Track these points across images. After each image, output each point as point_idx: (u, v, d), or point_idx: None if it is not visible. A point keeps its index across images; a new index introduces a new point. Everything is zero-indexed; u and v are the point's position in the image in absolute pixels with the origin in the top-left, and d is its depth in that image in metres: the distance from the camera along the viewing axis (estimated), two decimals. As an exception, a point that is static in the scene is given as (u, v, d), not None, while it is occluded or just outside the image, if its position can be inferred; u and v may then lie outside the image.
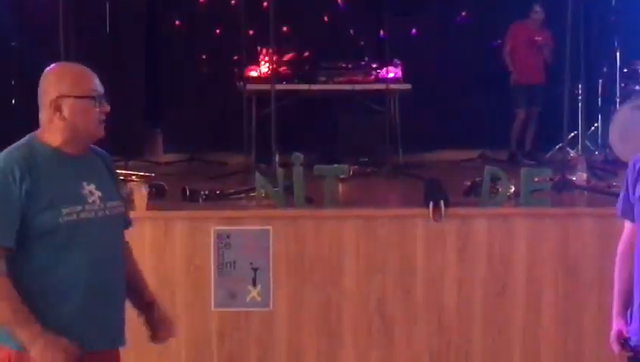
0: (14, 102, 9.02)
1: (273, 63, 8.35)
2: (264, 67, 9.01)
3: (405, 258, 5.69)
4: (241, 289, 5.65)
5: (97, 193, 3.24)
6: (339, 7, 9.95)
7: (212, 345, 5.69)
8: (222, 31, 9.68)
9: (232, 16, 9.05)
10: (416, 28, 9.90)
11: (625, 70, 9.14)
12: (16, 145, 3.23)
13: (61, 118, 3.19)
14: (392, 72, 9.00)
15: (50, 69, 3.27)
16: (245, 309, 5.67)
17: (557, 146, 8.60)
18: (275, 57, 8.49)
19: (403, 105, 9.21)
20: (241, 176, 7.40)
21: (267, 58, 8.79)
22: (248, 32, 8.78)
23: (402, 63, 9.10)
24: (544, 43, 9.38)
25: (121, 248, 3.37)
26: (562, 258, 5.69)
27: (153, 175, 7.51)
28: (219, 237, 5.64)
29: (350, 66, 9.28)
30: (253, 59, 9.05)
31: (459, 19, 9.95)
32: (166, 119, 9.93)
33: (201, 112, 9.65)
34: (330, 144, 9.02)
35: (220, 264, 5.63)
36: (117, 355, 3.36)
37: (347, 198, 6.48)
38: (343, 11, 9.94)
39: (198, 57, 9.80)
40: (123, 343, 3.36)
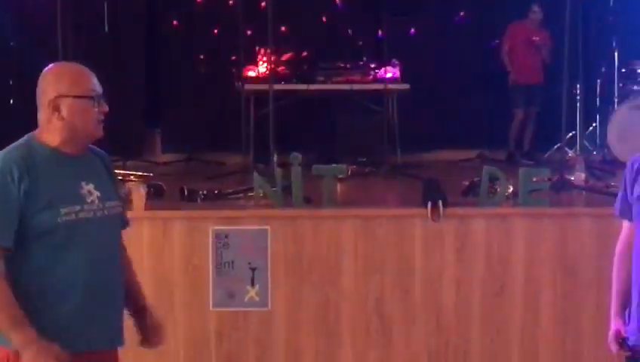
0: (12, 102, 9.02)
1: (271, 63, 8.36)
2: (262, 67, 8.99)
3: (403, 258, 5.69)
4: (239, 289, 5.64)
5: (96, 193, 3.24)
6: (337, 7, 9.95)
7: (210, 345, 5.69)
8: (220, 31, 9.67)
9: (231, 16, 9.04)
10: (414, 28, 9.89)
11: (623, 70, 9.14)
12: (14, 145, 3.22)
13: (59, 118, 3.18)
14: (391, 72, 8.99)
15: (48, 69, 3.26)
16: (243, 309, 5.67)
17: (555, 146, 8.60)
18: (274, 57, 8.49)
19: (401, 105, 9.22)
20: (239, 176, 7.39)
21: (265, 58, 8.78)
22: (246, 32, 8.77)
23: (400, 63, 9.09)
24: (542, 43, 9.38)
25: (119, 248, 3.37)
26: (560, 258, 5.69)
27: (151, 175, 7.51)
28: (217, 237, 5.64)
29: (348, 66, 9.27)
30: (251, 59, 9.05)
31: (457, 19, 9.94)
32: (164, 119, 9.93)
33: (199, 112, 9.64)
34: (328, 144, 9.01)
35: (219, 264, 5.63)
36: (115, 355, 3.36)
37: (345, 198, 6.48)
38: (342, 11, 9.93)
39: (197, 57, 9.79)
40: (122, 343, 3.36)
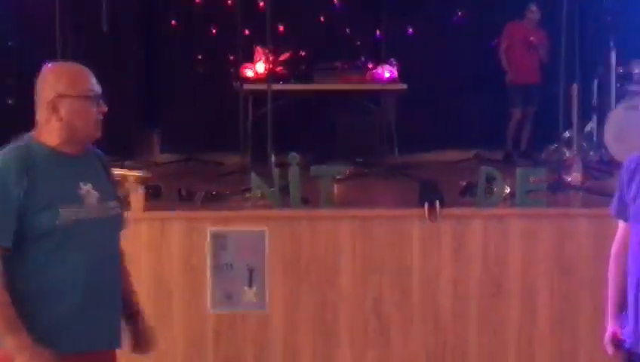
0: (11, 102, 9.02)
1: (269, 63, 8.36)
2: (260, 67, 8.98)
3: (401, 258, 5.69)
4: (237, 289, 5.65)
5: (94, 193, 3.24)
6: (335, 6, 9.94)
7: (208, 346, 5.69)
8: (218, 31, 9.67)
9: (229, 15, 9.04)
10: (412, 28, 9.89)
11: (620, 70, 9.14)
12: (13, 145, 3.22)
13: (58, 118, 3.19)
14: (388, 72, 8.99)
15: (47, 69, 3.26)
16: (241, 310, 5.67)
17: (552, 146, 8.60)
18: (272, 57, 8.50)
19: (399, 105, 9.23)
20: (237, 177, 7.38)
21: (263, 58, 8.77)
22: (244, 32, 8.77)
23: (398, 63, 9.09)
24: (539, 43, 9.39)
25: (118, 248, 3.37)
26: (557, 258, 5.70)
27: (150, 175, 7.49)
28: (215, 237, 5.64)
29: (346, 66, 9.26)
30: (249, 59, 9.04)
31: (455, 19, 9.95)
32: (162, 119, 9.91)
33: (197, 112, 9.63)
34: (326, 144, 9.00)
35: (216, 265, 5.63)
36: (114, 356, 3.36)
37: (343, 199, 6.48)
38: (340, 11, 9.93)
39: (195, 57, 9.78)
40: (120, 344, 3.36)
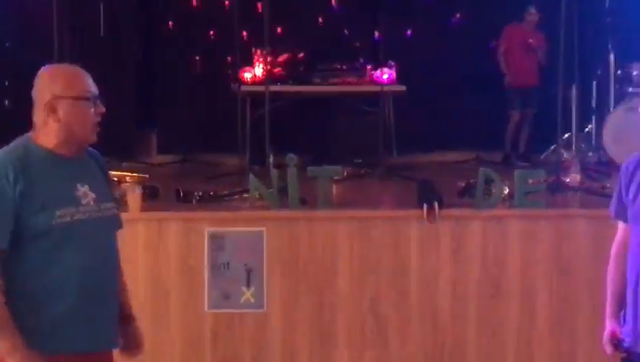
0: (8, 103, 9.01)
1: (267, 64, 8.36)
2: (258, 68, 8.98)
3: (399, 259, 5.69)
4: (234, 290, 5.64)
5: (91, 194, 3.23)
6: (333, 8, 9.95)
7: (206, 346, 5.68)
8: (216, 32, 9.67)
9: (226, 17, 9.05)
10: (410, 29, 9.90)
11: (619, 72, 9.15)
12: (10, 146, 3.22)
13: (56, 120, 3.18)
14: (387, 74, 8.98)
15: (44, 70, 3.26)
16: (239, 310, 5.67)
17: (551, 148, 8.60)
18: (270, 58, 8.49)
19: (397, 106, 9.22)
20: (235, 178, 7.38)
21: (261, 59, 8.77)
22: (242, 34, 8.78)
23: (397, 65, 9.09)
24: (537, 45, 9.38)
25: (114, 249, 3.36)
26: (556, 259, 5.70)
27: (147, 176, 7.48)
28: (213, 238, 5.63)
29: (345, 68, 9.27)
30: (247, 60, 9.04)
31: (453, 20, 9.95)
32: (160, 120, 9.91)
33: (195, 113, 9.62)
34: (324, 145, 9.00)
35: (214, 265, 5.63)
36: (110, 356, 3.36)
37: (341, 199, 6.47)
38: (338, 12, 9.94)
39: (192, 58, 9.78)
40: (116, 345, 3.36)
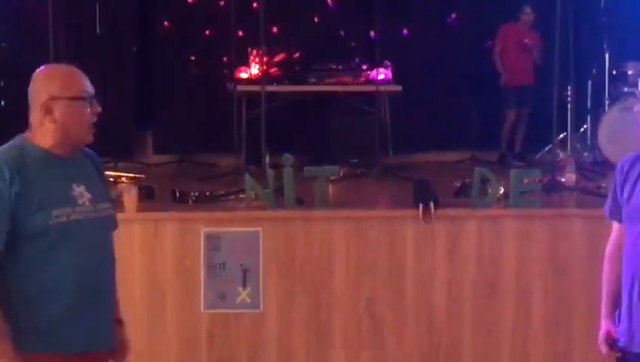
0: (4, 103, 9.01)
1: (263, 64, 8.36)
2: (254, 68, 8.98)
3: (395, 259, 5.69)
4: (231, 290, 5.64)
5: (87, 195, 3.23)
6: (329, 8, 9.95)
7: (202, 347, 5.68)
8: (212, 32, 9.66)
9: (222, 17, 9.03)
10: (406, 29, 9.90)
11: (614, 72, 9.16)
12: (6, 146, 3.21)
13: (52, 121, 3.17)
14: (383, 74, 8.98)
15: (40, 71, 3.25)
16: (235, 311, 5.67)
17: (546, 148, 8.61)
18: (266, 58, 8.50)
19: (393, 106, 9.23)
20: (231, 178, 7.38)
21: (257, 59, 8.77)
22: (238, 33, 8.76)
23: (392, 65, 9.09)
24: (533, 45, 9.39)
25: (110, 250, 3.36)
26: (551, 259, 5.71)
27: (143, 176, 7.49)
28: (209, 238, 5.63)
29: (340, 67, 9.27)
30: (243, 60, 9.03)
31: (449, 20, 9.95)
32: (156, 120, 9.90)
33: (191, 113, 9.61)
34: (320, 145, 9.00)
35: (210, 265, 5.63)
36: (106, 357, 3.35)
37: (337, 199, 6.48)
38: (334, 12, 9.93)
39: (188, 58, 9.78)
40: (112, 346, 3.35)
